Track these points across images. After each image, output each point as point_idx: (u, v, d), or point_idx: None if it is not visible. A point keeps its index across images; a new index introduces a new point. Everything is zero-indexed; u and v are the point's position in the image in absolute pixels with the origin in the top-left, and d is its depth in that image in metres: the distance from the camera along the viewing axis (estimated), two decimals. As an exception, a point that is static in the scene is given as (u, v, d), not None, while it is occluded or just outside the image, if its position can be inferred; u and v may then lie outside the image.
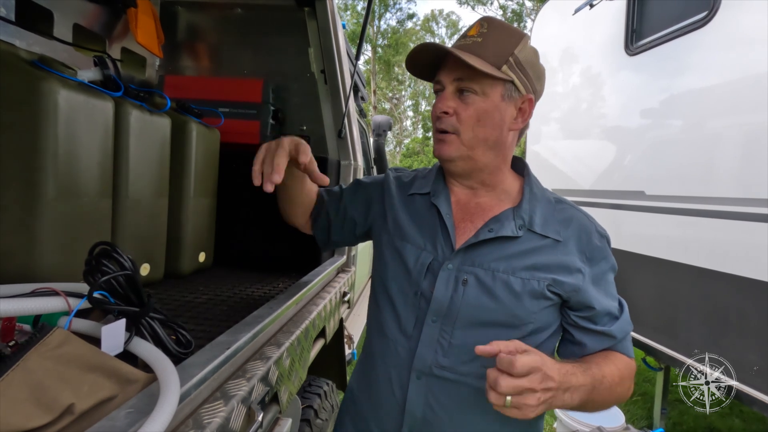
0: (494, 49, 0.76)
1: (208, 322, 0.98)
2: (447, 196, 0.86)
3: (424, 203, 0.89)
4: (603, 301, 0.80)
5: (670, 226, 2.17)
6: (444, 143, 0.80)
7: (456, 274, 0.80)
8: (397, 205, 0.91)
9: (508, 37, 0.78)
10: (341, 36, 1.77)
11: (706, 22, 2.01)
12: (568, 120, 3.25)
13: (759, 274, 1.73)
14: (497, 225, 0.80)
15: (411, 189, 0.92)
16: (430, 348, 0.80)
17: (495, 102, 0.78)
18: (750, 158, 1.81)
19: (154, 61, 1.75)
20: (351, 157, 1.77)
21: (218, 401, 0.62)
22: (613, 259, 0.84)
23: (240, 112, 1.65)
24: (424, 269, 0.82)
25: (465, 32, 0.80)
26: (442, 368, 0.79)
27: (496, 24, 0.78)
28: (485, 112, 0.78)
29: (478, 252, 0.80)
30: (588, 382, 0.71)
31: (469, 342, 0.78)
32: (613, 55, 2.67)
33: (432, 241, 0.84)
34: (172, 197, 1.30)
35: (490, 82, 0.77)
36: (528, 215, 0.81)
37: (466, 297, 0.79)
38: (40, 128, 0.86)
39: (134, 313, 0.68)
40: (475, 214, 0.84)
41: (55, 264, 0.90)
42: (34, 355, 0.51)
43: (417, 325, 0.82)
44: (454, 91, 0.78)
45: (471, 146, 0.79)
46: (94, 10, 1.42)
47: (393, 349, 0.84)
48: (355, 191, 1.01)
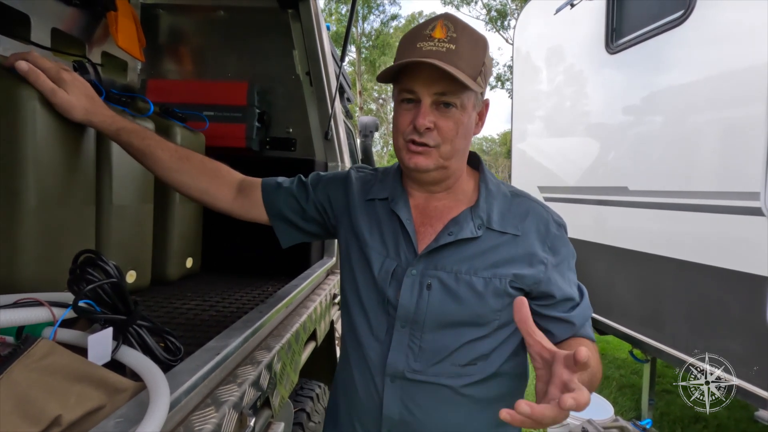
0: (469, 59, 0.74)
1: (197, 328, 0.97)
2: (406, 200, 0.86)
3: (383, 208, 0.88)
4: (564, 287, 0.82)
5: (653, 221, 2.22)
6: (421, 155, 0.78)
7: (420, 279, 0.81)
8: (359, 209, 0.91)
9: (476, 44, 0.76)
10: (326, 37, 1.76)
11: (683, 21, 2.06)
12: (553, 118, 3.30)
13: (740, 266, 1.78)
14: (456, 228, 0.81)
15: (370, 193, 0.91)
16: (401, 353, 0.81)
17: (469, 112, 0.78)
18: (730, 152, 1.87)
19: (136, 65, 1.73)
20: (338, 159, 1.77)
21: (209, 407, 0.61)
22: (572, 246, 0.86)
23: (225, 115, 1.63)
24: (388, 276, 0.83)
25: (427, 31, 0.74)
26: (415, 372, 0.80)
27: (461, 26, 0.75)
28: (463, 125, 0.78)
29: (440, 255, 0.81)
30: (586, 379, 0.71)
31: (438, 344, 0.80)
32: (594, 53, 2.72)
33: (395, 247, 0.84)
34: (158, 203, 1.28)
35: (467, 94, 0.76)
36: (486, 214, 0.82)
37: (432, 301, 0.79)
38: (19, 136, 0.84)
39: (121, 322, 0.67)
40: (434, 217, 0.85)
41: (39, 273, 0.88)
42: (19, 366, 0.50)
43: (388, 330, 0.83)
44: (431, 104, 0.76)
45: (448, 157, 0.79)
46: (73, 13, 1.39)
47: (367, 354, 0.85)
48: (315, 187, 0.97)
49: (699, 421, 2.96)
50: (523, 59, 3.70)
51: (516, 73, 3.83)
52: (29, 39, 1.22)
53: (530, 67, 3.63)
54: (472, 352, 0.80)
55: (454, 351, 0.80)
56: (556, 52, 3.26)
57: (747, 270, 1.74)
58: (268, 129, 1.78)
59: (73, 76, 0.85)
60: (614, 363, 3.99)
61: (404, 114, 0.78)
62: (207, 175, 0.94)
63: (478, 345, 0.81)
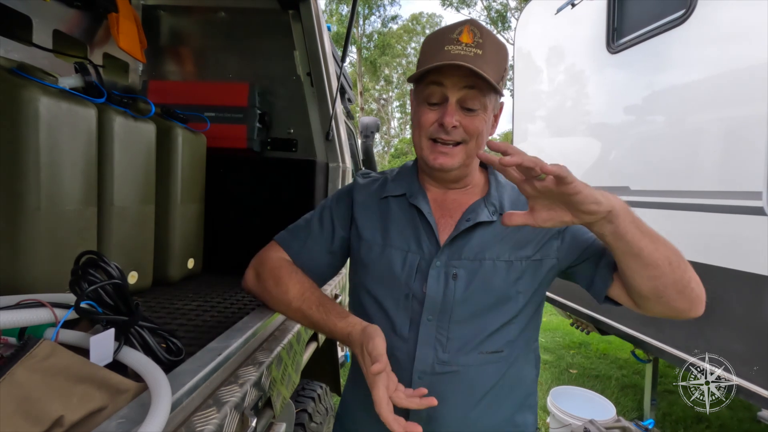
0: (494, 64, 0.78)
1: (198, 328, 0.97)
2: (424, 195, 0.88)
3: (399, 205, 0.90)
4: (590, 234, 0.84)
5: (654, 221, 2.21)
6: (447, 155, 0.81)
7: (445, 269, 0.82)
8: (372, 210, 0.91)
9: (499, 50, 0.80)
10: (327, 38, 1.77)
11: (684, 20, 2.05)
12: (554, 118, 3.29)
13: (742, 265, 1.77)
14: (473, 214, 0.84)
15: (384, 192, 0.92)
16: (429, 347, 0.81)
17: (489, 113, 0.82)
18: (731, 152, 1.86)
19: (137, 66, 1.73)
20: (339, 160, 1.77)
21: (211, 408, 0.61)
22: None
23: (226, 116, 1.64)
24: (413, 271, 0.83)
25: (454, 35, 0.78)
26: (443, 363, 0.81)
27: (486, 32, 0.79)
28: (485, 124, 0.81)
29: (461, 244, 0.83)
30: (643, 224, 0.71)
31: (467, 333, 0.81)
32: (595, 53, 2.71)
33: (416, 241, 0.85)
34: (159, 204, 1.28)
35: (489, 97, 0.80)
36: (498, 201, 0.86)
37: (458, 290, 0.81)
38: (21, 137, 0.84)
39: (123, 322, 0.67)
40: (452, 209, 0.88)
41: (41, 275, 0.88)
42: (21, 367, 0.51)
43: (412, 326, 0.83)
44: (456, 102, 0.79)
45: (471, 156, 0.83)
46: (74, 15, 1.40)
47: (392, 355, 0.83)
48: (325, 226, 0.96)
49: (701, 421, 2.95)
50: (524, 59, 3.70)
51: (517, 73, 3.83)
52: (31, 41, 1.22)
53: (531, 66, 3.62)
54: (500, 338, 0.82)
55: (483, 339, 0.81)
56: (557, 52, 3.25)
57: (749, 270, 1.74)
58: (269, 130, 1.78)
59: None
60: (616, 363, 3.98)
61: (428, 113, 0.81)
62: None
63: (505, 331, 0.82)
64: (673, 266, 0.72)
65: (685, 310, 0.77)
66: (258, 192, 1.61)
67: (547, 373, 3.71)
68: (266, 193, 1.61)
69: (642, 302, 0.78)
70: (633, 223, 0.69)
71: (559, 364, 3.94)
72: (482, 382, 0.82)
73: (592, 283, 0.84)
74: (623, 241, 0.69)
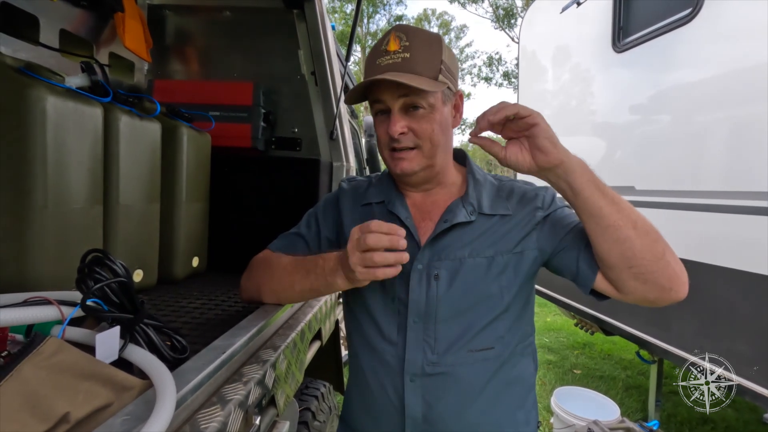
0: (425, 62, 0.78)
1: (203, 326, 0.98)
2: (402, 200, 0.89)
3: (380, 211, 0.91)
4: (570, 216, 0.85)
5: (660, 221, 2.20)
6: (404, 160, 0.83)
7: (426, 271, 0.83)
8: (357, 215, 0.92)
9: (430, 45, 0.80)
10: (331, 37, 1.77)
11: (691, 19, 2.04)
12: (559, 117, 3.28)
13: (748, 266, 1.76)
14: (450, 215, 0.85)
15: (365, 198, 0.94)
16: (418, 349, 0.82)
17: (439, 109, 0.82)
18: (738, 152, 1.84)
19: (143, 65, 1.74)
20: (343, 159, 1.77)
21: (215, 406, 0.62)
22: (555, 192, 0.88)
23: (231, 115, 1.64)
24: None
25: (383, 47, 0.80)
26: (433, 364, 0.81)
27: (412, 33, 0.80)
28: (436, 121, 0.81)
29: (441, 245, 0.84)
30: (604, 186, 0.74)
31: (452, 333, 0.81)
32: (601, 52, 2.70)
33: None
34: (164, 202, 1.29)
35: (432, 93, 0.80)
36: (476, 200, 0.86)
37: (441, 290, 0.81)
38: (29, 136, 0.85)
39: (128, 320, 0.67)
40: (431, 211, 0.88)
41: (47, 272, 0.89)
42: (28, 364, 0.51)
43: (400, 330, 0.84)
44: (400, 109, 0.80)
45: (431, 155, 0.83)
46: (81, 15, 1.41)
47: (382, 359, 0.85)
48: (311, 228, 0.99)
49: (707, 422, 2.93)
50: (529, 58, 3.68)
51: (522, 72, 3.81)
52: (38, 40, 1.23)
53: (536, 65, 3.60)
54: (488, 336, 0.82)
55: (470, 337, 0.81)
56: (562, 51, 3.24)
57: (756, 270, 1.72)
58: (273, 129, 1.79)
59: None
60: (621, 364, 3.96)
61: (381, 126, 0.84)
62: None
63: (492, 327, 0.82)
64: (639, 231, 0.72)
65: (665, 288, 0.74)
66: (262, 191, 1.62)
67: (551, 373, 3.70)
68: (270, 192, 1.61)
69: (615, 276, 0.75)
70: (592, 182, 0.72)
71: (563, 364, 3.92)
72: (475, 381, 0.81)
73: (578, 272, 0.82)
74: (580, 198, 0.73)
